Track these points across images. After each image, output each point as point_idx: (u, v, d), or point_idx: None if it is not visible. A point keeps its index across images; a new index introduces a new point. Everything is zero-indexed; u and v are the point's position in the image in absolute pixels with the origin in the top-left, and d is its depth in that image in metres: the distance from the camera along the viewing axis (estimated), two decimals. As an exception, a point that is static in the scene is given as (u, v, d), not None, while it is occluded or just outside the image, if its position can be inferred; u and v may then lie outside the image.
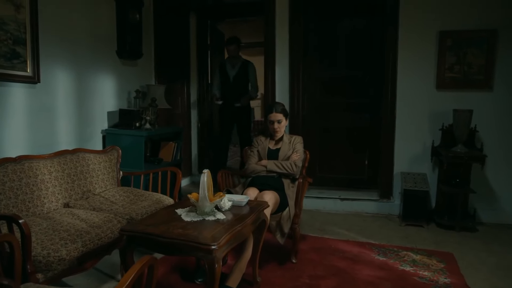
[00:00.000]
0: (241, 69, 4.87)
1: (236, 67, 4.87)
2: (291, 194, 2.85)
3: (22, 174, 2.40)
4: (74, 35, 3.27)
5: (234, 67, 4.87)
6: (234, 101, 4.85)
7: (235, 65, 4.88)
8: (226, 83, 4.88)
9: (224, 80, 4.89)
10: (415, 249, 3.10)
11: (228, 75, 4.87)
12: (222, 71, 4.91)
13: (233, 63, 4.89)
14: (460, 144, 3.53)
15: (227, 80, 4.87)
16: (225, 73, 4.89)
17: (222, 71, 4.92)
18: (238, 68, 4.86)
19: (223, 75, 4.90)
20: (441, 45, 3.77)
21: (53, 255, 1.94)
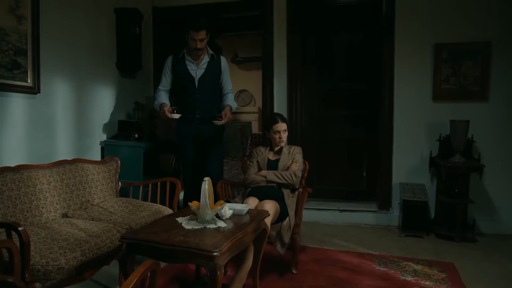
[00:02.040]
0: (210, 67, 3.34)
1: (202, 65, 3.32)
2: (291, 204, 2.85)
3: (21, 184, 2.38)
4: (74, 47, 3.30)
5: (199, 65, 3.32)
6: (206, 116, 3.28)
7: (200, 62, 3.32)
8: (188, 88, 3.31)
9: (184, 83, 3.32)
10: (416, 260, 3.09)
11: (189, 76, 3.30)
12: (179, 70, 3.32)
13: (195, 59, 3.31)
14: (457, 155, 3.55)
15: (190, 84, 3.30)
16: (184, 73, 3.31)
17: (178, 70, 3.33)
18: (206, 65, 3.33)
19: (181, 76, 3.33)
20: (437, 58, 3.84)
21: (52, 264, 1.91)
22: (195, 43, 3.17)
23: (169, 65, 3.35)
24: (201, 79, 3.31)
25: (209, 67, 3.35)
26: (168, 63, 3.37)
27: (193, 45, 3.19)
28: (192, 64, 3.33)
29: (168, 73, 3.36)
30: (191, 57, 3.32)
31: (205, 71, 3.34)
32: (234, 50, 9.52)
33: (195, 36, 3.15)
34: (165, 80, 3.37)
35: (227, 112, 3.26)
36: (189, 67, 3.32)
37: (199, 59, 3.32)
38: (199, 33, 3.13)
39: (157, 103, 3.29)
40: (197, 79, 3.32)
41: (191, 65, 3.33)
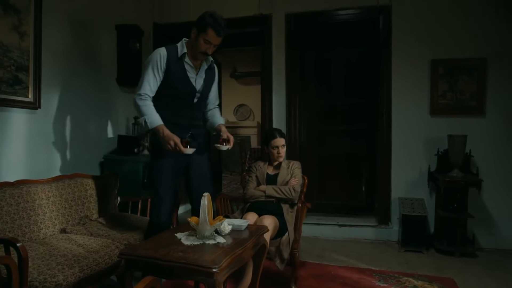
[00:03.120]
0: (208, 76, 2.66)
1: (200, 72, 2.60)
2: (290, 219, 2.84)
3: (19, 199, 2.39)
4: (75, 63, 3.33)
5: (197, 71, 2.59)
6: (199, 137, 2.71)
7: (198, 67, 2.60)
8: (184, 101, 2.57)
9: (180, 94, 2.53)
10: (416, 275, 3.07)
11: (190, 87, 2.54)
12: (176, 75, 2.49)
13: (195, 63, 2.58)
14: (456, 169, 3.56)
15: (188, 97, 2.57)
16: (184, 82, 2.52)
17: (174, 74, 2.49)
18: (204, 74, 2.63)
19: (177, 85, 2.50)
20: (433, 73, 3.89)
21: (50, 281, 1.90)
22: (209, 47, 2.46)
23: (161, 62, 2.45)
24: (201, 92, 2.59)
25: (207, 76, 2.64)
26: (160, 58, 2.45)
27: (205, 48, 2.45)
28: (192, 69, 2.54)
29: (159, 73, 2.45)
30: (191, 59, 2.54)
31: (204, 81, 2.61)
32: (233, 65, 9.62)
33: (213, 39, 2.42)
34: (153, 82, 2.44)
35: (229, 134, 2.69)
36: (189, 73, 2.52)
37: (198, 64, 2.59)
38: (219, 38, 2.45)
39: (149, 120, 2.39)
40: (197, 91, 2.57)
41: (190, 70, 2.53)
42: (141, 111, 2.42)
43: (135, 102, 2.44)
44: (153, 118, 2.41)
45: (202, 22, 2.42)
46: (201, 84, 2.60)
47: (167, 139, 2.36)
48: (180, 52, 2.50)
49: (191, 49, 2.52)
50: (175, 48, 2.52)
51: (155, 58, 2.46)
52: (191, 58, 2.54)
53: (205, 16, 2.43)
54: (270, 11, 4.32)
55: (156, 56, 2.46)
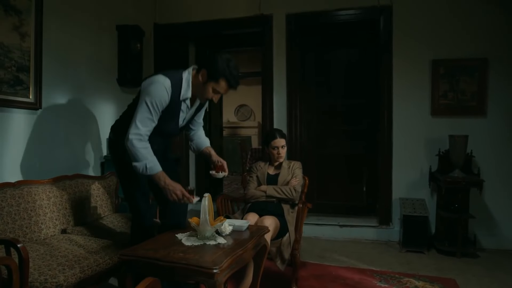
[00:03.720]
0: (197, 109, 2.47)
1: (192, 108, 2.39)
2: (291, 219, 2.84)
3: (20, 199, 2.39)
4: (76, 63, 3.33)
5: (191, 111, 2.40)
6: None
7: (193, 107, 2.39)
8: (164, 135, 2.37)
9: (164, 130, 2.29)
10: (417, 276, 3.06)
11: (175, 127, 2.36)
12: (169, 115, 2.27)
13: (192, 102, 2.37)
14: (457, 170, 3.56)
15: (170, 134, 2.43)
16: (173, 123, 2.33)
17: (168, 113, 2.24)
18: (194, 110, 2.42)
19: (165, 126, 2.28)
20: (434, 73, 3.88)
21: (51, 281, 1.90)
22: (216, 96, 2.27)
23: (163, 102, 2.16)
24: (181, 128, 2.44)
25: (196, 111, 2.47)
26: (162, 98, 2.15)
27: (211, 96, 2.24)
28: (186, 109, 2.34)
29: (157, 112, 2.17)
30: (190, 100, 2.31)
31: (190, 117, 2.44)
32: (234, 65, 9.61)
33: (223, 90, 2.22)
34: (150, 122, 2.16)
35: (221, 158, 2.55)
36: (181, 113, 2.32)
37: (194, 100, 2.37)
38: (227, 89, 2.24)
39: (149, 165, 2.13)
40: (180, 127, 2.40)
41: (184, 111, 2.33)
42: (140, 154, 2.11)
43: (131, 143, 2.10)
44: (154, 163, 2.16)
45: (215, 70, 2.15)
46: (187, 120, 2.42)
47: (172, 188, 2.16)
48: (184, 95, 2.23)
49: (194, 88, 2.25)
50: (179, 86, 2.21)
51: (160, 97, 2.13)
52: (190, 99, 2.29)
53: (219, 63, 2.14)
54: (270, 11, 4.31)
55: (161, 97, 2.13)
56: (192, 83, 2.24)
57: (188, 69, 2.27)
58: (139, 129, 2.12)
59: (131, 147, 2.11)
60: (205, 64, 2.20)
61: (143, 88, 2.18)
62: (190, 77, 2.24)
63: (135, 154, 2.12)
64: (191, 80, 2.24)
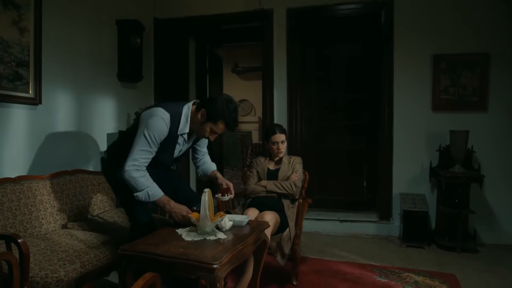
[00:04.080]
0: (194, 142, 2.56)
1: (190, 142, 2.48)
2: (291, 214, 2.84)
3: (21, 195, 2.39)
4: (76, 59, 3.32)
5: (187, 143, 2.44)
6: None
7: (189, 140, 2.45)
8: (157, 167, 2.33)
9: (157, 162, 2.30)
10: (417, 271, 3.07)
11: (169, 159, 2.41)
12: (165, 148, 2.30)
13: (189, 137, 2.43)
14: (457, 165, 3.55)
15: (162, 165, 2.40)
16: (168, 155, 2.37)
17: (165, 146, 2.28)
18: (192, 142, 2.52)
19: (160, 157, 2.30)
20: (435, 68, 3.86)
21: (51, 276, 1.91)
22: (213, 136, 2.32)
23: (161, 136, 2.20)
24: (178, 157, 2.48)
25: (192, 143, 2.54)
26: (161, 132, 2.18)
27: (209, 135, 2.30)
28: (183, 142, 2.38)
29: (156, 144, 2.20)
30: (187, 135, 2.36)
31: (187, 148, 2.50)
32: (234, 60, 9.59)
33: (220, 131, 2.27)
34: (147, 154, 2.19)
35: (227, 181, 2.54)
36: (177, 146, 2.36)
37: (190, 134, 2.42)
38: (225, 130, 2.29)
39: (151, 192, 2.18)
40: (173, 160, 2.44)
41: (181, 143, 2.37)
42: (140, 183, 2.14)
43: (129, 174, 2.11)
44: (155, 189, 2.20)
45: (214, 111, 2.18)
46: (183, 152, 2.47)
47: (178, 211, 2.22)
48: (181, 130, 2.27)
49: (192, 124, 2.28)
50: (178, 120, 2.24)
51: (159, 130, 2.16)
52: (188, 134, 2.34)
53: (218, 105, 2.18)
54: (271, 5, 4.29)
55: (160, 131, 2.17)
56: (191, 118, 2.27)
57: (188, 103, 2.30)
58: (136, 160, 2.14)
59: (130, 178, 2.13)
60: (205, 104, 2.24)
61: (142, 120, 2.20)
62: (190, 112, 2.27)
63: (135, 184, 2.14)
64: (190, 115, 2.27)
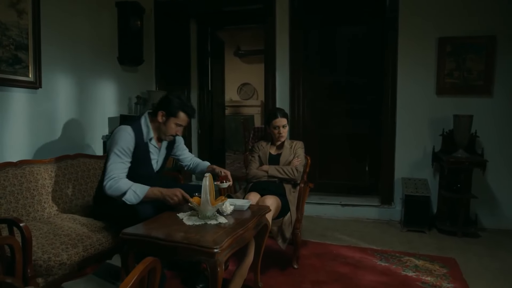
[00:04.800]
0: (168, 150, 2.64)
1: (162, 149, 2.57)
2: (293, 199, 2.85)
3: (22, 179, 2.39)
4: (75, 42, 3.28)
5: (160, 149, 2.54)
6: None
7: (162, 148, 2.56)
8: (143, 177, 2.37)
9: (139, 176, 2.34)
10: (417, 255, 3.08)
11: (150, 170, 2.50)
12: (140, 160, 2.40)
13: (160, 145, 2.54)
14: (460, 150, 3.53)
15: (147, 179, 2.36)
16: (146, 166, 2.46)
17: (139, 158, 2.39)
18: (165, 150, 2.61)
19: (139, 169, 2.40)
20: (440, 51, 3.80)
21: (54, 260, 1.93)
22: (179, 130, 2.45)
23: (129, 146, 2.31)
24: (158, 170, 2.56)
25: (168, 150, 2.62)
26: (127, 141, 2.30)
27: (175, 131, 2.43)
28: (155, 151, 2.49)
29: (127, 157, 2.31)
30: (156, 140, 2.47)
31: (164, 158, 2.59)
32: (236, 43, 9.48)
33: (184, 122, 2.42)
34: (121, 165, 2.28)
35: (225, 170, 2.65)
36: (152, 155, 2.47)
37: (161, 141, 2.53)
38: (187, 120, 2.44)
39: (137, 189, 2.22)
40: (156, 171, 2.54)
41: (154, 152, 2.49)
42: (122, 186, 2.20)
43: (110, 186, 2.19)
44: (140, 186, 2.24)
45: (170, 106, 2.36)
46: (161, 163, 2.57)
47: (170, 193, 2.25)
48: (147, 137, 2.41)
49: (156, 131, 2.45)
50: (140, 129, 2.39)
51: (125, 141, 2.29)
52: (156, 140, 2.47)
53: (172, 100, 2.38)
54: (273, -13, 4.20)
55: (126, 141, 2.29)
56: (151, 126, 2.43)
57: (144, 114, 2.48)
58: (113, 173, 2.23)
59: (111, 189, 2.20)
60: (161, 106, 2.40)
61: (110, 141, 2.36)
62: (147, 120, 2.43)
63: (118, 190, 2.20)
64: (149, 123, 2.43)
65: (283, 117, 3.01)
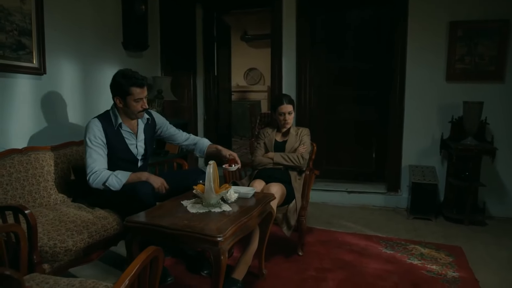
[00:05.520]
0: (147, 132, 2.61)
1: (140, 134, 2.56)
2: (298, 186, 2.83)
3: (28, 166, 2.40)
4: (79, 27, 3.25)
5: (136, 134, 2.54)
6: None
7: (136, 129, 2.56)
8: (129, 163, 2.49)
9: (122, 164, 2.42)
10: (423, 243, 3.07)
11: (131, 156, 2.51)
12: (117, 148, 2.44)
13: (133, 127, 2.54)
14: (470, 137, 3.47)
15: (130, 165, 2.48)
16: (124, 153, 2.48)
17: (115, 146, 2.43)
18: (143, 134, 2.58)
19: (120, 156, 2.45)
20: (452, 36, 3.70)
21: (59, 246, 1.94)
22: (141, 103, 2.41)
23: (99, 135, 2.35)
24: (143, 154, 2.56)
25: (147, 135, 2.58)
26: (96, 132, 2.35)
27: (139, 107, 2.40)
28: (131, 135, 2.49)
29: (99, 145, 2.35)
30: (128, 125, 2.49)
31: (144, 142, 2.56)
32: (243, 27, 9.35)
33: (140, 94, 2.38)
34: (98, 157, 2.33)
35: (231, 151, 2.65)
36: (128, 141, 2.47)
37: (135, 126, 2.54)
38: (144, 89, 2.41)
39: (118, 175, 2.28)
40: (140, 158, 2.54)
41: (129, 137, 2.48)
42: (104, 176, 2.27)
43: (93, 181, 2.27)
44: (119, 172, 2.31)
45: (119, 87, 2.37)
46: (143, 147, 2.57)
47: (154, 177, 2.34)
48: (116, 123, 2.45)
49: (124, 115, 2.47)
50: (108, 118, 2.45)
51: (93, 132, 2.35)
52: (127, 124, 2.50)
53: (119, 81, 2.38)
54: (280, -31, 4.11)
55: (93, 133, 2.35)
56: (118, 112, 2.46)
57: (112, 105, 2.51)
58: (92, 167, 2.30)
59: (94, 182, 2.28)
60: (113, 92, 2.43)
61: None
62: (114, 108, 2.47)
63: (101, 180, 2.27)
64: (116, 110, 2.47)
65: (289, 103, 2.97)
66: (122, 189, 2.28)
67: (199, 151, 2.79)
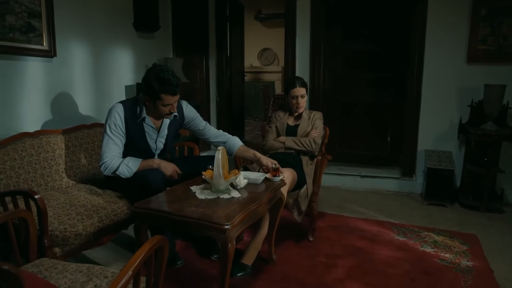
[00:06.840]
0: (172, 128, 2.54)
1: (163, 129, 2.49)
2: (309, 171, 2.79)
3: (40, 149, 2.42)
4: (89, 8, 3.20)
5: (159, 129, 2.48)
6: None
7: (160, 124, 2.48)
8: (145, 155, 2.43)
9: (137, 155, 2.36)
10: (437, 230, 3.01)
11: (148, 150, 2.46)
12: (135, 139, 2.39)
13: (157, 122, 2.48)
14: (490, 122, 3.34)
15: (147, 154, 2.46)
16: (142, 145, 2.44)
17: (133, 137, 2.38)
18: (166, 130, 2.51)
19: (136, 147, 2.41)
20: (474, 15, 3.52)
21: (70, 230, 1.96)
22: (170, 107, 2.31)
23: (118, 123, 2.31)
24: (161, 149, 2.52)
25: (170, 129, 2.51)
26: (116, 120, 2.30)
27: (167, 110, 2.31)
28: (153, 130, 2.43)
29: (117, 135, 2.31)
30: (152, 120, 2.42)
31: (167, 136, 2.50)
32: (257, 7, 9.16)
33: (170, 100, 2.27)
34: (114, 146, 2.29)
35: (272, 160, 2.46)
36: (148, 135, 2.42)
37: (160, 121, 2.46)
38: (174, 97, 2.28)
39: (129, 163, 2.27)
40: (156, 153, 2.51)
41: (151, 132, 2.43)
42: (115, 164, 2.24)
43: (104, 169, 2.26)
44: (130, 159, 2.29)
45: (151, 90, 2.23)
46: (163, 142, 2.50)
47: (165, 165, 2.33)
48: (140, 115, 2.37)
49: (151, 111, 2.38)
50: (134, 108, 2.37)
51: (114, 119, 2.30)
52: (151, 118, 2.41)
53: (151, 84, 2.22)
54: None
55: (114, 120, 2.30)
56: (147, 106, 2.36)
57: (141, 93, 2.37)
58: (105, 156, 2.27)
59: (105, 170, 2.27)
60: (144, 90, 2.30)
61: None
62: (143, 99, 2.34)
63: (112, 169, 2.25)
64: (142, 104, 2.36)
65: (302, 86, 2.90)
66: (133, 176, 2.27)
67: (228, 152, 2.52)
